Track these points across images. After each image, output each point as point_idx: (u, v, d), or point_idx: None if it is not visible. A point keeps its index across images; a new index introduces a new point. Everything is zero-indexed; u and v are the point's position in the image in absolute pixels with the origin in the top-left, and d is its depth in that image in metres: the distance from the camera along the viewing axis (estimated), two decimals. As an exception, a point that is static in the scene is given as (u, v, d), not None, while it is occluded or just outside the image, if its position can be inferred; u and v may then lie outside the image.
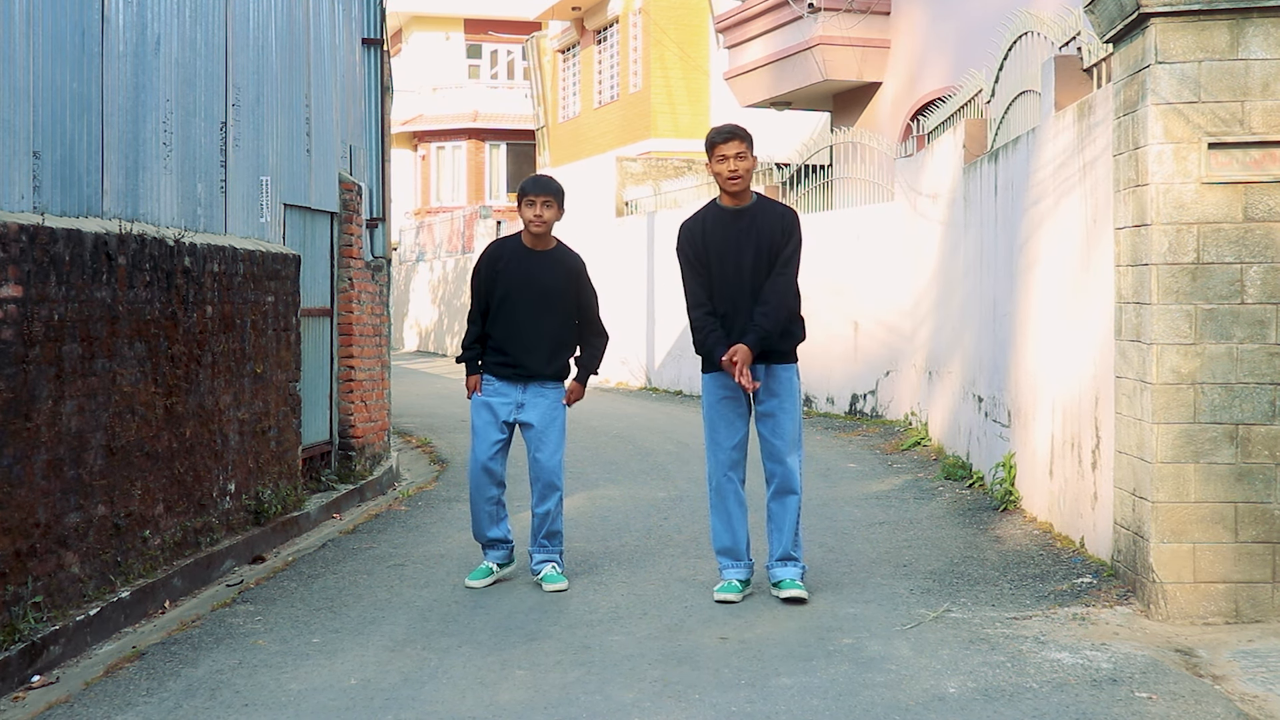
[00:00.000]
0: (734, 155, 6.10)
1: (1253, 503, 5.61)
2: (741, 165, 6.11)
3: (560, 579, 6.53)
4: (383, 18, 11.06)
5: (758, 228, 6.14)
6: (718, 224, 6.20)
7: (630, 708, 4.69)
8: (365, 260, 10.32)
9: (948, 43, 16.33)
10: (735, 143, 6.11)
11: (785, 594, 6.14)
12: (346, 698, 4.87)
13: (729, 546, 6.31)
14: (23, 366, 5.49)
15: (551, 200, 6.54)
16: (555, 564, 6.60)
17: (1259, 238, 5.60)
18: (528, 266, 6.57)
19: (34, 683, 5.22)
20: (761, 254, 6.11)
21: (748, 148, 6.14)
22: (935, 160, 11.82)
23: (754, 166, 6.18)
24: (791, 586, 6.16)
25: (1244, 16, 5.59)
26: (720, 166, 6.13)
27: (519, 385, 6.56)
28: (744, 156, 6.12)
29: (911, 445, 11.65)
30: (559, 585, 6.49)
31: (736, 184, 6.14)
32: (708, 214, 6.25)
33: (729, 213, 6.20)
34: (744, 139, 6.14)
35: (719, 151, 6.12)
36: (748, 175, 6.15)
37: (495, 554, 6.74)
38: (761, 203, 6.25)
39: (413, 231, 34.65)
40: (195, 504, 7.09)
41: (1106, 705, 4.62)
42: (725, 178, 6.13)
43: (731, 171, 6.11)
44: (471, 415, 6.66)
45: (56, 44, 6.02)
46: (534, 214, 6.52)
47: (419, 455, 12.45)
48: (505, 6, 36.56)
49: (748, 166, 6.13)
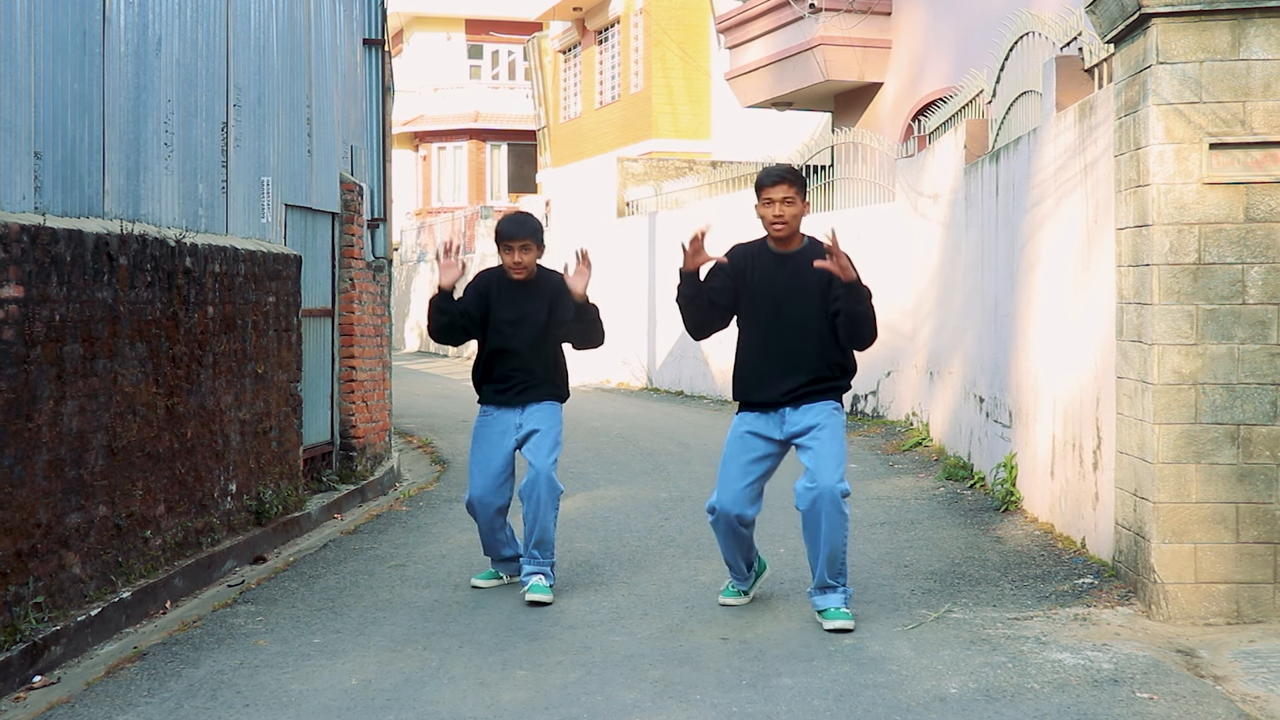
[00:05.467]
0: (781, 200, 5.67)
1: (1254, 503, 5.61)
2: (789, 211, 5.67)
3: (545, 590, 6.28)
4: (384, 18, 11.07)
5: (804, 275, 5.67)
6: (764, 263, 5.79)
7: (631, 708, 4.69)
8: (366, 260, 10.32)
9: (949, 43, 16.33)
10: (784, 187, 5.68)
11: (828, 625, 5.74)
12: (347, 698, 4.88)
13: (730, 562, 6.08)
14: (24, 367, 5.49)
15: (530, 243, 6.36)
16: (544, 575, 6.39)
17: (1260, 238, 5.60)
18: (515, 299, 6.41)
19: (35, 683, 5.22)
20: (809, 303, 5.67)
21: (798, 193, 5.70)
22: (936, 161, 11.82)
23: (805, 213, 5.73)
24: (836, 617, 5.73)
25: (1245, 17, 5.58)
26: (765, 211, 5.71)
27: (517, 409, 6.42)
28: (792, 202, 5.67)
29: (912, 446, 11.64)
30: (542, 596, 6.24)
31: (781, 230, 5.71)
32: (759, 249, 5.84)
33: (774, 256, 5.79)
34: (794, 183, 5.71)
35: (766, 194, 5.70)
36: (795, 221, 5.70)
37: (505, 568, 6.67)
38: (812, 247, 5.78)
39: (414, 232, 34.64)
40: (196, 504, 7.09)
41: (1108, 706, 4.62)
42: (770, 222, 5.71)
43: (777, 216, 5.68)
44: (471, 449, 6.50)
45: (58, 44, 6.03)
46: (513, 260, 6.36)
47: (420, 455, 12.46)
48: (506, 7, 36.55)
49: (795, 213, 5.68)
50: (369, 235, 10.49)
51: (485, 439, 6.46)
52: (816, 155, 16.42)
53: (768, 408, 5.78)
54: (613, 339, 20.83)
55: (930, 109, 14.41)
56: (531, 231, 6.41)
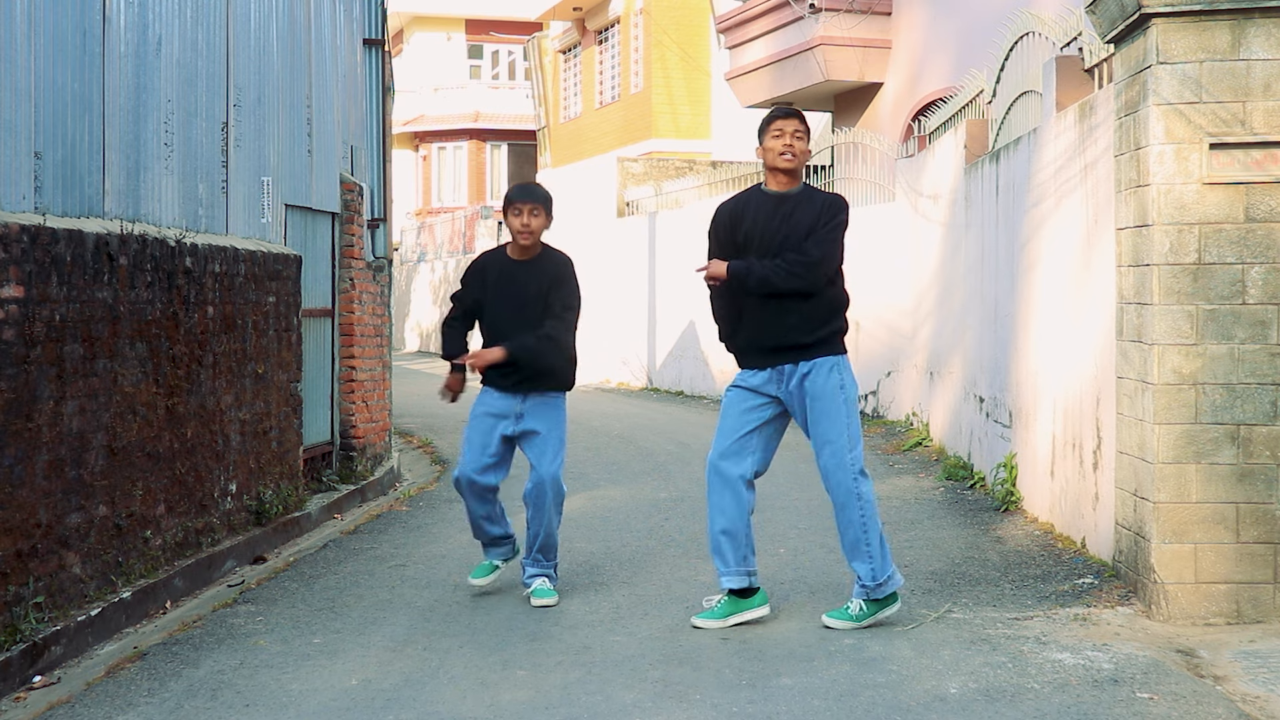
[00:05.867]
0: (791, 132, 5.65)
1: (1254, 503, 5.61)
2: (798, 144, 5.65)
3: (549, 594, 6.27)
4: (384, 18, 11.07)
5: (800, 215, 5.65)
6: (759, 208, 5.71)
7: (631, 708, 4.69)
8: (366, 261, 10.32)
9: (949, 43, 16.32)
10: (795, 120, 5.67)
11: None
12: (348, 698, 4.88)
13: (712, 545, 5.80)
14: (24, 367, 5.49)
15: (539, 208, 6.23)
16: (548, 579, 6.37)
17: (1260, 238, 5.60)
18: (516, 277, 6.28)
19: (35, 683, 5.22)
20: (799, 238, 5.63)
21: (805, 133, 5.69)
22: (936, 161, 11.82)
23: (808, 157, 5.73)
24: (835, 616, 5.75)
25: (1245, 17, 5.58)
26: (775, 142, 5.65)
27: (518, 395, 6.27)
28: (801, 137, 5.66)
29: (913, 446, 11.64)
30: (547, 600, 6.24)
31: (790, 161, 5.65)
32: (751, 197, 5.79)
33: (773, 197, 5.71)
34: (804, 122, 5.70)
35: (777, 126, 5.67)
36: (802, 158, 5.68)
37: (497, 550, 6.53)
38: (808, 191, 5.76)
39: (414, 232, 34.65)
40: (196, 504, 7.09)
41: (1108, 706, 4.61)
42: (779, 153, 5.65)
43: (787, 145, 5.64)
44: (467, 428, 6.40)
45: (58, 45, 6.03)
46: (521, 223, 6.22)
47: (420, 456, 12.46)
48: (506, 7, 36.57)
49: (803, 149, 5.67)
50: (369, 235, 10.49)
51: (481, 418, 6.34)
52: (817, 155, 16.41)
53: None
54: (613, 339, 20.85)
55: (930, 109, 14.41)
56: (542, 198, 6.29)
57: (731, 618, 5.75)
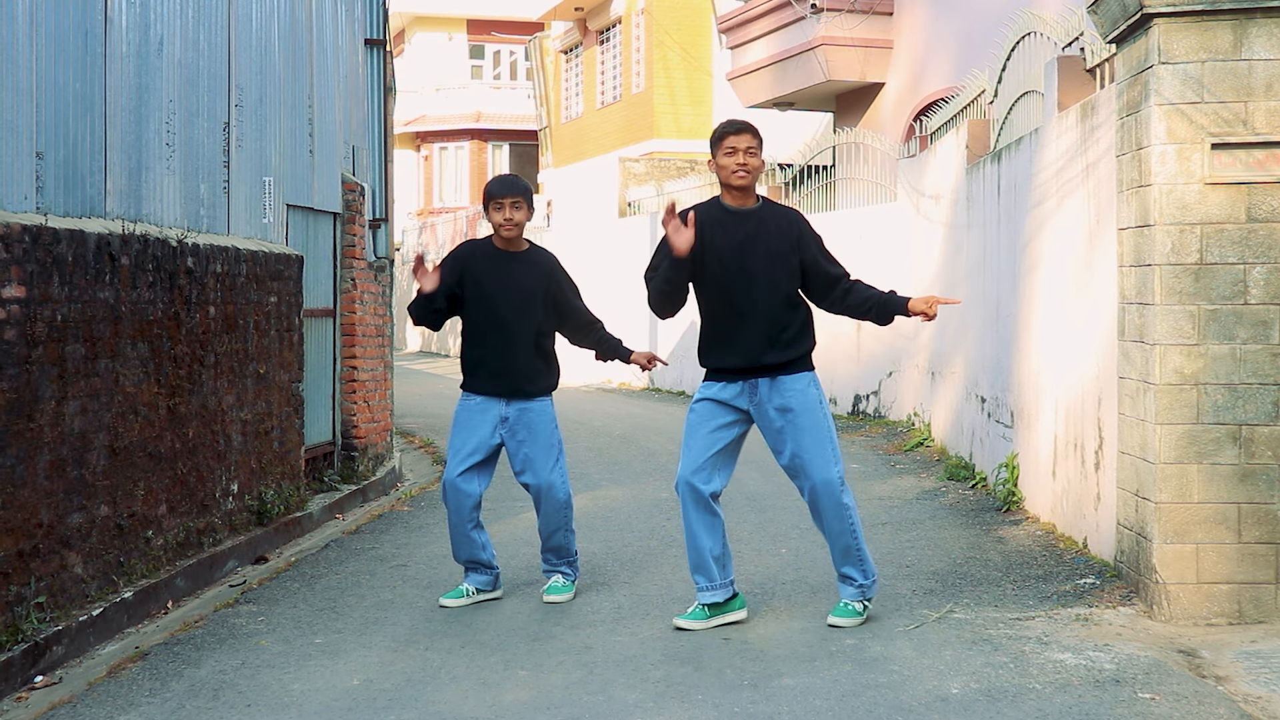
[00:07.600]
0: (744, 149, 5.67)
1: (1256, 503, 5.61)
2: (752, 161, 5.68)
3: (559, 590, 6.29)
4: (385, 18, 11.07)
5: (766, 232, 5.72)
6: (721, 225, 5.72)
7: (633, 708, 4.69)
8: (368, 261, 10.32)
9: (951, 43, 16.32)
10: (748, 136, 5.69)
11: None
12: (349, 698, 4.88)
13: (695, 562, 5.76)
14: (26, 367, 5.50)
15: (521, 201, 6.20)
16: (562, 574, 6.39)
17: (1262, 238, 5.60)
18: (511, 269, 6.24)
19: (37, 683, 5.23)
20: (775, 260, 5.69)
21: (758, 146, 5.72)
22: (938, 161, 11.82)
23: (761, 171, 5.77)
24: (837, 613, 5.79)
25: (1248, 17, 5.58)
26: (728, 160, 5.67)
27: (503, 400, 6.23)
28: (754, 153, 5.69)
29: (914, 446, 11.64)
30: (558, 596, 6.26)
31: (744, 179, 5.68)
32: (713, 209, 5.77)
33: (734, 214, 5.74)
34: (756, 136, 5.72)
35: (729, 143, 5.68)
36: (756, 173, 5.72)
37: (477, 578, 6.35)
38: (768, 206, 5.84)
39: (415, 232, 34.66)
40: (198, 504, 7.10)
41: (1110, 706, 4.61)
42: (732, 171, 5.67)
43: (740, 164, 5.66)
44: (451, 433, 6.34)
45: (60, 45, 6.03)
46: (504, 217, 6.17)
47: (422, 456, 12.47)
48: (508, 7, 36.56)
49: (757, 165, 5.70)
50: (371, 235, 10.49)
51: (465, 423, 6.27)
52: (818, 155, 16.41)
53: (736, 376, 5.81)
54: (614, 339, 20.80)
55: (932, 109, 14.40)
56: (523, 190, 6.26)
57: (715, 619, 5.76)
